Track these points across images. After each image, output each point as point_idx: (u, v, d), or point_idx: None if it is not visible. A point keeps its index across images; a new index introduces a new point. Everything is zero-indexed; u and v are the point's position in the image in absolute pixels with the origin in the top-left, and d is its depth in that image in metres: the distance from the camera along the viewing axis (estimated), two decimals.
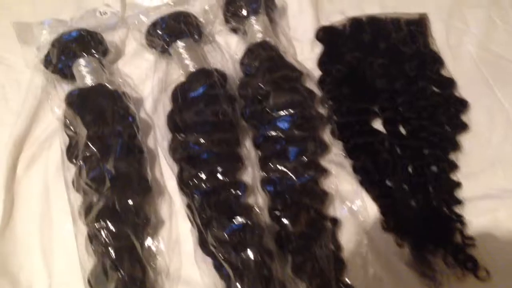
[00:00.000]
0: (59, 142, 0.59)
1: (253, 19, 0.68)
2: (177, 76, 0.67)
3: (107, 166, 0.54)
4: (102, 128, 0.56)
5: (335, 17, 0.74)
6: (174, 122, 0.60)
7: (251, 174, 0.60)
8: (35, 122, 0.63)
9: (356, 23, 0.72)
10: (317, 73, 0.69)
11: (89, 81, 0.61)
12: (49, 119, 0.63)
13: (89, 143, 0.55)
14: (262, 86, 0.62)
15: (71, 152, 0.58)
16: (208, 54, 0.69)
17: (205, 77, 0.62)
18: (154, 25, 0.66)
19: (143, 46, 0.69)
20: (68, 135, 0.59)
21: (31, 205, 0.58)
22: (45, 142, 0.62)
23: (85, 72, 0.62)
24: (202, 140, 0.57)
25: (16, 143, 0.61)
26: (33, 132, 0.62)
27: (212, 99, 0.61)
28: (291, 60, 0.66)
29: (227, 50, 0.70)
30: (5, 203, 0.57)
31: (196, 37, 0.68)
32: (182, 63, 0.65)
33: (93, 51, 0.63)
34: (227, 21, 0.70)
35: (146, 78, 0.68)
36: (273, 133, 0.59)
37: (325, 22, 0.73)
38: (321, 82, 0.68)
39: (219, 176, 0.55)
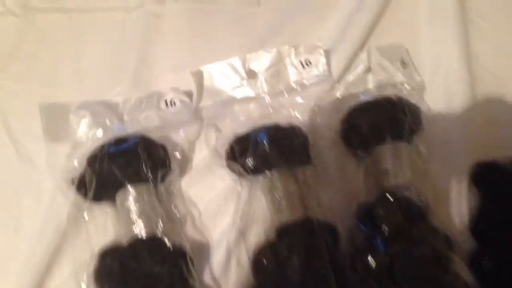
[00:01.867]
0: None
1: (387, 149, 0.45)
2: (264, 213, 0.46)
3: None
4: None
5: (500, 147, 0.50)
6: None
7: None
8: (52, 267, 0.43)
9: None
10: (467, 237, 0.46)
11: (137, 228, 0.40)
12: (70, 268, 0.42)
13: None
14: (390, 266, 0.40)
15: None
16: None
17: (308, 241, 0.41)
18: (241, 144, 0.44)
19: (218, 157, 0.48)
20: None
21: None
22: None
23: (133, 211, 0.41)
24: None
25: None
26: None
27: (314, 280, 0.39)
28: (436, 224, 0.44)
29: (338, 180, 0.48)
30: None
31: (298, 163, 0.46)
32: (274, 205, 0.44)
33: (150, 175, 0.42)
34: (347, 142, 0.48)
35: (219, 213, 0.46)
36: None
37: (483, 152, 0.49)
38: (475, 260, 0.45)
39: None
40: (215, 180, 0.48)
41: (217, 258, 0.44)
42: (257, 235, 0.45)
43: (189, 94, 0.49)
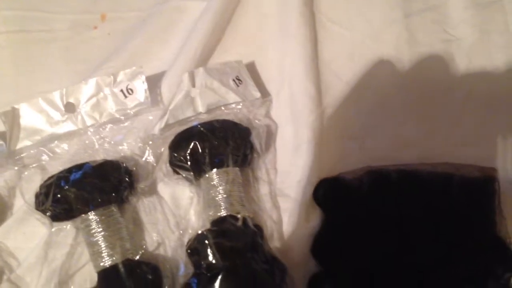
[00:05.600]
0: None
1: (210, 178, 0.42)
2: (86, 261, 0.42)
3: None
4: None
5: (352, 160, 0.47)
6: None
7: None
8: None
9: (379, 180, 0.44)
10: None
11: None
12: None
13: None
14: None
15: None
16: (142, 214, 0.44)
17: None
18: (44, 190, 0.40)
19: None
20: None
21: None
22: None
23: None
24: None
25: None
26: None
27: None
28: (271, 251, 0.41)
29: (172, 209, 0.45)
30: None
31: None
32: (93, 249, 0.40)
33: None
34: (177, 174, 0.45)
35: (38, 263, 0.42)
36: None
37: (333, 170, 0.46)
38: (314, 284, 0.42)
39: None
40: (37, 227, 0.44)
41: None
42: (81, 283, 0.42)
43: (3, 137, 0.45)
